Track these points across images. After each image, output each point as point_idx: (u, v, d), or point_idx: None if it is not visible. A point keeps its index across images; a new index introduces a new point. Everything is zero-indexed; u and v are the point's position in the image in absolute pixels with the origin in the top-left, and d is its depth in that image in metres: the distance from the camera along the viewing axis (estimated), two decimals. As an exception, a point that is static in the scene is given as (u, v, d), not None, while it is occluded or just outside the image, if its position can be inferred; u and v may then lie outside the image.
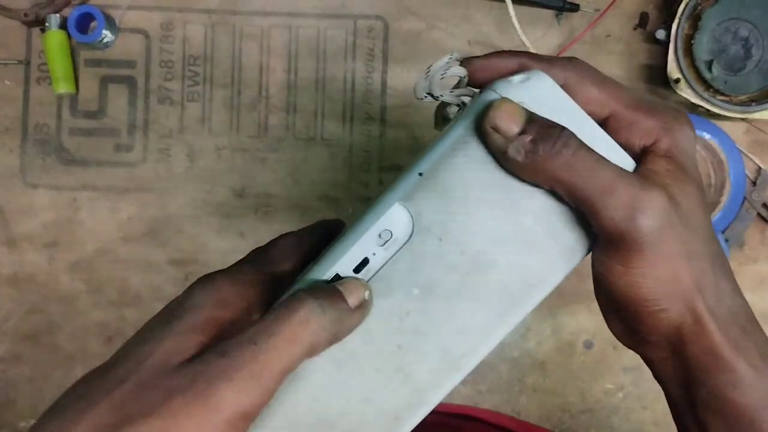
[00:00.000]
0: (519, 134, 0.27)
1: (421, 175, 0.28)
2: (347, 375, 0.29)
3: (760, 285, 0.61)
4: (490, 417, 0.58)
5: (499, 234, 0.28)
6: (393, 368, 0.29)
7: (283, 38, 0.61)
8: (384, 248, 0.28)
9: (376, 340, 0.28)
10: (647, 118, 0.29)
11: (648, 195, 0.26)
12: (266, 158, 0.61)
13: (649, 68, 0.61)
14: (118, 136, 0.61)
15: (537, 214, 0.28)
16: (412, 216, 0.28)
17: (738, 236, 0.60)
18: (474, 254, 0.28)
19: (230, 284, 0.28)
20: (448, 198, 0.28)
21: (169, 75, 0.61)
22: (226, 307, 0.27)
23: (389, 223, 0.28)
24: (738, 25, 0.57)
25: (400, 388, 0.29)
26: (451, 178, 0.28)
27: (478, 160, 0.28)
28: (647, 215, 0.26)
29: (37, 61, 0.61)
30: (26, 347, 0.61)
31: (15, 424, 0.61)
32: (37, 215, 0.61)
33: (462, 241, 0.28)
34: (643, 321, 0.28)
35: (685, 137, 0.29)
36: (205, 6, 0.61)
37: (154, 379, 0.25)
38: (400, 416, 0.29)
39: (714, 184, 0.62)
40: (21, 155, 0.61)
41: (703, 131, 0.60)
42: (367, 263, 0.28)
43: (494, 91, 0.28)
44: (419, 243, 0.28)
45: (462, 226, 0.28)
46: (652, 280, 0.27)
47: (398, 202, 0.28)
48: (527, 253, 0.28)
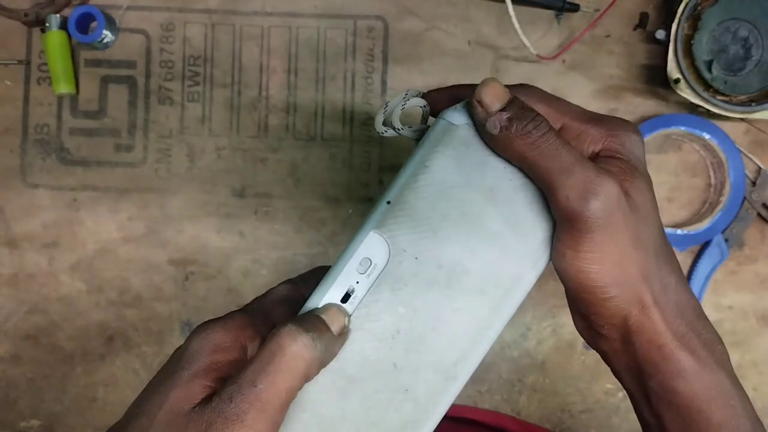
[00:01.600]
0: (499, 111, 0.29)
1: (389, 203, 0.30)
2: (351, 401, 0.30)
3: (760, 285, 0.61)
4: (490, 417, 0.58)
5: (468, 244, 0.30)
6: (393, 388, 0.30)
7: (283, 38, 0.61)
8: (366, 275, 0.30)
9: (372, 363, 0.30)
10: (594, 126, 0.31)
11: (602, 180, 0.28)
12: (266, 158, 0.61)
13: (648, 68, 0.61)
14: (119, 136, 0.61)
15: (500, 220, 0.30)
16: (387, 242, 0.30)
17: (738, 236, 0.60)
18: (449, 266, 0.30)
19: (224, 330, 0.30)
20: (416, 219, 0.30)
21: (169, 75, 0.61)
22: (223, 352, 0.29)
23: (367, 251, 0.30)
24: (738, 25, 0.57)
25: (403, 405, 0.30)
26: (415, 200, 0.30)
27: (438, 182, 0.30)
28: (599, 198, 0.28)
29: (37, 61, 0.61)
30: (26, 347, 0.61)
31: (15, 424, 0.62)
32: (37, 215, 0.61)
33: (436, 256, 0.30)
34: (594, 310, 0.30)
35: (631, 140, 0.31)
36: (205, 6, 0.61)
37: (168, 429, 0.27)
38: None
39: (714, 185, 0.62)
40: (21, 155, 0.61)
41: (702, 131, 0.60)
42: (353, 293, 0.30)
43: (444, 119, 0.31)
44: (397, 265, 0.30)
45: (433, 242, 0.30)
46: (599, 265, 0.29)
47: (372, 231, 0.30)
48: (497, 256, 0.30)
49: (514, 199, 0.30)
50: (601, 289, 0.29)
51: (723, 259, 0.60)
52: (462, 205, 0.30)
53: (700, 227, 0.60)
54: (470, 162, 0.31)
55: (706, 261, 0.60)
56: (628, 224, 0.29)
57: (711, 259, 0.60)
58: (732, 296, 0.61)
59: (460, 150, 0.31)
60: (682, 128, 0.60)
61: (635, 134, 0.32)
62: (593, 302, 0.30)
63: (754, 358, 0.61)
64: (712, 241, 0.60)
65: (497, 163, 0.31)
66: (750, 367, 0.61)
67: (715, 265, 0.60)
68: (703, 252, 0.60)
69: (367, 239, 0.30)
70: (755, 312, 0.61)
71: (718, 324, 0.61)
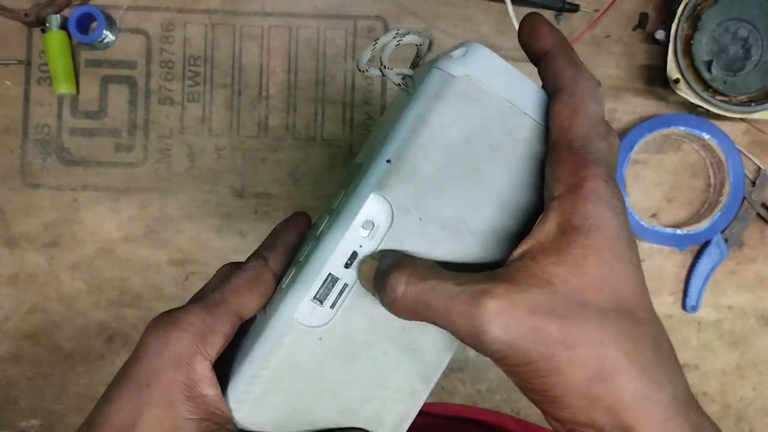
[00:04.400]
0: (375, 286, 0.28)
1: (389, 162, 0.29)
2: (360, 364, 0.30)
3: (760, 285, 0.61)
4: (490, 417, 0.58)
5: (471, 203, 0.29)
6: (400, 348, 0.30)
7: (283, 39, 0.61)
8: (369, 238, 0.29)
9: (380, 326, 0.29)
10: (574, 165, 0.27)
11: (479, 308, 0.25)
12: (266, 158, 0.61)
13: (648, 68, 0.61)
14: (119, 136, 0.61)
15: (503, 177, 0.29)
16: (390, 202, 0.29)
17: (737, 236, 0.60)
18: (453, 226, 0.29)
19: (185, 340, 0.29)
20: (418, 179, 0.29)
21: (169, 75, 0.61)
22: (184, 368, 0.28)
23: (369, 213, 0.29)
24: (737, 26, 0.57)
25: (411, 364, 0.30)
26: (416, 159, 0.29)
27: (439, 139, 0.29)
28: (486, 328, 0.25)
29: (37, 61, 0.61)
30: (26, 347, 0.61)
31: (15, 423, 0.62)
32: (37, 215, 0.61)
33: (439, 216, 0.29)
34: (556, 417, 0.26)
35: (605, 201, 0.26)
36: (206, 6, 0.61)
37: None
38: (417, 389, 0.31)
39: (713, 184, 0.62)
40: (21, 155, 0.61)
41: (702, 131, 0.60)
42: (356, 256, 0.29)
43: (441, 69, 0.29)
44: (401, 226, 0.29)
45: (436, 202, 0.29)
46: (532, 375, 0.25)
47: (374, 193, 0.29)
48: (500, 214, 0.29)
49: (516, 156, 0.29)
50: (548, 395, 0.25)
51: (722, 259, 0.60)
52: (465, 163, 0.29)
53: (700, 227, 0.60)
54: (471, 117, 0.29)
55: (706, 261, 0.60)
56: (541, 329, 0.25)
57: (710, 259, 0.60)
58: (731, 296, 0.61)
59: (460, 104, 0.29)
60: (682, 128, 0.60)
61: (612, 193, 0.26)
62: (549, 410, 0.26)
63: (754, 357, 0.61)
64: (712, 241, 0.60)
65: (498, 119, 0.29)
66: (749, 366, 0.61)
67: (714, 265, 0.60)
68: (702, 252, 0.60)
69: (369, 201, 0.29)
70: (755, 312, 0.61)
71: (718, 324, 0.61)
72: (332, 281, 0.29)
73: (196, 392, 0.28)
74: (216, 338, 0.29)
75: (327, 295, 0.29)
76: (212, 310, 0.30)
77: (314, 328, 0.29)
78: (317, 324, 0.29)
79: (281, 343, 0.29)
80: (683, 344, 0.61)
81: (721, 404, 0.61)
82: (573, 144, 0.27)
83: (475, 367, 0.62)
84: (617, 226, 0.26)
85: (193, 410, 0.28)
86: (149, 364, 0.28)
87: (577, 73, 0.29)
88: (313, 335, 0.29)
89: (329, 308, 0.29)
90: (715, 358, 0.61)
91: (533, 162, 0.29)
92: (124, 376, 0.29)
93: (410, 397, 0.31)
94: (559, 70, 0.29)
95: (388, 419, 0.31)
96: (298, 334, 0.29)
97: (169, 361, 0.28)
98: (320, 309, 0.29)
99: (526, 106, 0.29)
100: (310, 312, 0.29)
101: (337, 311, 0.29)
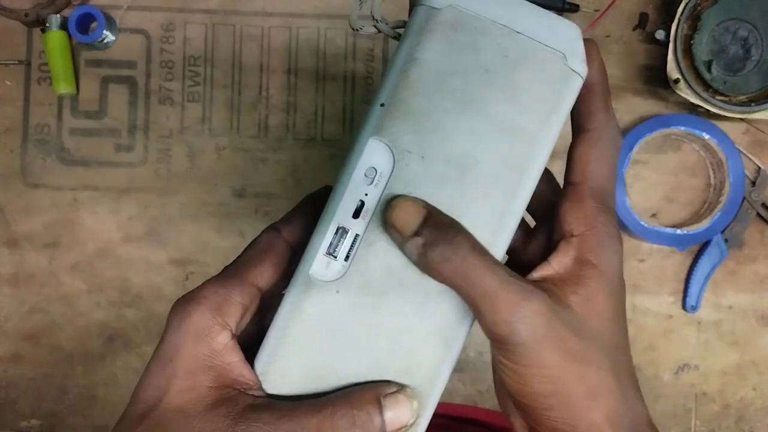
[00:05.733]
0: (414, 234, 0.27)
1: (383, 106, 0.29)
2: (382, 315, 0.29)
3: (760, 285, 0.61)
4: (490, 417, 0.58)
5: (474, 132, 0.28)
6: (422, 293, 0.29)
7: (283, 39, 0.61)
8: (374, 186, 0.29)
9: (398, 272, 0.29)
10: (596, 210, 0.29)
11: (527, 303, 0.27)
12: (266, 158, 0.61)
13: (648, 68, 0.61)
14: (119, 137, 0.61)
15: (503, 100, 0.29)
16: (389, 146, 0.29)
17: (737, 236, 0.60)
18: (458, 159, 0.28)
19: (199, 314, 0.29)
20: (415, 117, 0.28)
21: (169, 75, 0.61)
22: (204, 341, 0.29)
23: (370, 160, 0.29)
24: (737, 26, 0.57)
25: (437, 309, 0.29)
26: (410, 97, 0.28)
27: (431, 73, 0.28)
28: (524, 322, 0.27)
29: (37, 61, 0.61)
30: (27, 347, 0.61)
31: (15, 423, 0.62)
32: (37, 215, 0.61)
33: (442, 151, 0.28)
34: (535, 419, 0.28)
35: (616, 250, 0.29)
36: (206, 6, 0.61)
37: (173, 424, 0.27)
38: (447, 333, 0.29)
39: (713, 185, 0.62)
40: (22, 155, 0.61)
41: (702, 131, 0.60)
42: (363, 205, 0.29)
43: (423, 4, 0.29)
44: (404, 168, 0.28)
45: (437, 138, 0.28)
46: (538, 377, 0.27)
47: (371, 138, 0.29)
48: (505, 139, 0.29)
49: (512, 76, 0.29)
50: (543, 400, 0.28)
51: (722, 259, 0.60)
52: (460, 93, 0.28)
53: (700, 227, 0.60)
54: (460, 45, 0.29)
55: (706, 261, 0.60)
56: (565, 342, 0.27)
57: (710, 259, 0.60)
58: (731, 296, 0.61)
59: (448, 34, 0.29)
60: (682, 128, 0.60)
61: (619, 245, 0.30)
62: (536, 411, 0.28)
63: (754, 357, 0.61)
64: (712, 241, 0.60)
65: (489, 42, 0.29)
66: (749, 366, 0.61)
67: (714, 265, 0.60)
68: (702, 252, 0.60)
69: (367, 147, 0.28)
70: (755, 312, 0.61)
71: (718, 324, 0.61)
72: (342, 233, 0.29)
73: (216, 361, 0.29)
74: (232, 308, 0.29)
75: (339, 247, 0.29)
76: (225, 282, 0.30)
77: (330, 282, 0.29)
78: (333, 278, 0.29)
79: (300, 301, 0.29)
80: (683, 344, 0.61)
81: (721, 404, 0.61)
82: (595, 190, 0.30)
83: (475, 368, 0.62)
84: (620, 269, 0.30)
85: (214, 379, 0.28)
86: (171, 340, 0.29)
87: (609, 119, 0.30)
88: (330, 290, 0.29)
89: (343, 261, 0.29)
90: (715, 358, 0.61)
91: (532, 79, 0.29)
92: (152, 357, 0.30)
93: (442, 343, 0.29)
94: (593, 109, 0.30)
95: (421, 369, 0.29)
96: (316, 291, 0.29)
97: (188, 334, 0.29)
98: (335, 262, 0.29)
99: (516, 24, 0.29)
100: (324, 267, 0.29)
101: (351, 262, 0.29)
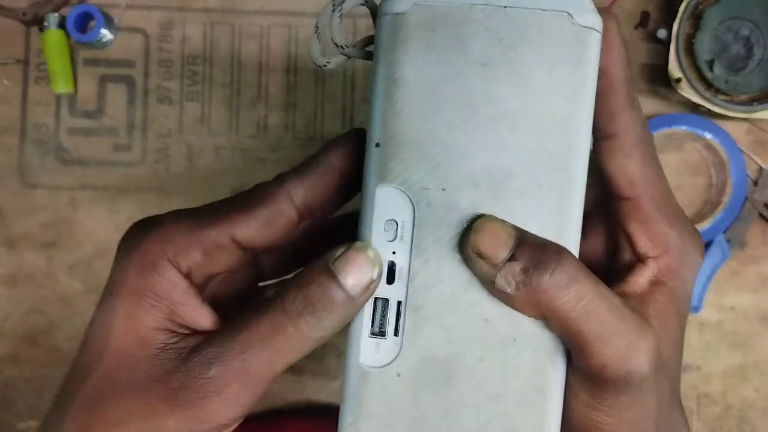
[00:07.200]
0: (508, 260, 0.23)
1: (378, 146, 0.25)
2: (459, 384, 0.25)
3: (762, 286, 0.61)
4: None
5: (494, 141, 0.24)
6: (497, 346, 0.25)
7: (282, 38, 0.61)
8: (398, 240, 0.25)
9: (460, 333, 0.25)
10: (667, 225, 0.27)
11: (643, 341, 0.24)
12: (266, 158, 0.61)
13: (650, 67, 0.61)
14: (117, 136, 0.61)
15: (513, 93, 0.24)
16: (401, 189, 0.25)
17: (739, 237, 0.60)
18: (487, 176, 0.24)
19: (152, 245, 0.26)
20: (418, 146, 0.24)
21: (168, 74, 0.61)
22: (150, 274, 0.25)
23: (385, 213, 0.25)
24: (739, 25, 0.57)
25: (522, 358, 0.25)
26: (406, 125, 0.25)
27: (420, 89, 0.24)
28: (639, 363, 0.24)
29: (35, 60, 0.61)
30: (25, 348, 0.61)
31: (14, 425, 0.61)
32: (35, 215, 0.61)
33: (465, 174, 0.24)
34: None
35: (692, 266, 0.27)
36: (205, 5, 0.61)
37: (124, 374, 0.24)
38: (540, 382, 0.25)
39: (715, 185, 0.61)
40: (19, 155, 0.61)
41: (704, 131, 0.59)
42: (395, 266, 0.25)
43: (386, 14, 0.25)
44: (427, 209, 0.24)
45: (453, 160, 0.24)
46: (615, 419, 0.25)
47: (378, 187, 0.25)
48: (535, 137, 0.24)
49: (515, 60, 0.24)
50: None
51: (724, 259, 0.60)
52: (462, 101, 0.24)
53: (702, 227, 0.60)
54: (443, 46, 0.24)
55: (708, 261, 0.60)
56: (658, 384, 0.25)
57: (712, 259, 0.60)
58: (733, 297, 0.61)
59: (425, 38, 0.24)
60: (684, 128, 0.59)
61: (699, 256, 0.27)
62: None
63: (756, 358, 0.61)
64: (714, 241, 0.60)
65: (475, 30, 0.24)
66: (752, 367, 0.61)
67: (716, 266, 0.60)
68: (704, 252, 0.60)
69: (377, 199, 0.25)
70: (757, 313, 0.61)
71: (720, 325, 0.61)
72: (383, 306, 0.25)
73: (162, 301, 0.25)
74: (191, 248, 0.26)
75: (384, 323, 0.25)
76: (194, 216, 0.27)
77: (387, 366, 0.25)
78: (388, 360, 0.25)
79: (360, 400, 0.25)
80: (685, 345, 0.60)
81: (723, 405, 0.61)
82: (657, 202, 0.27)
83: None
84: (691, 288, 0.27)
85: (160, 320, 0.25)
86: (114, 272, 0.26)
87: (637, 117, 0.26)
88: (389, 375, 0.25)
89: (393, 336, 0.25)
90: (717, 359, 0.61)
91: (540, 56, 0.24)
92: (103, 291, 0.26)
93: (538, 395, 0.25)
94: (617, 109, 0.26)
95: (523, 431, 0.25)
96: (374, 382, 0.25)
97: (132, 267, 0.25)
98: (384, 342, 0.25)
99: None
100: (374, 351, 0.25)
101: (404, 336, 0.25)
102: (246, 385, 0.24)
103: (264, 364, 0.24)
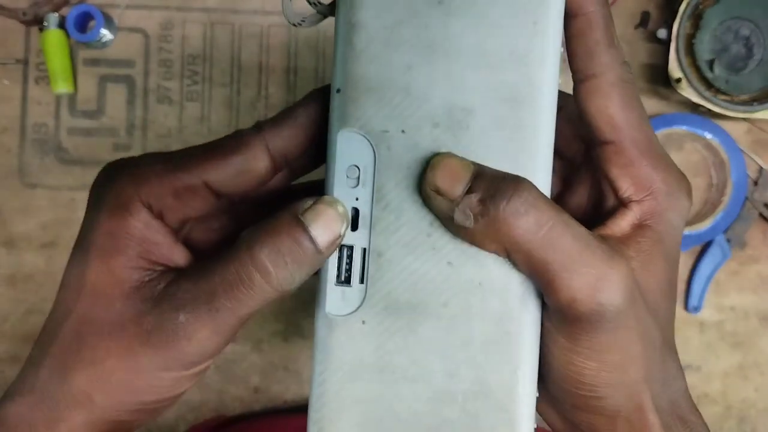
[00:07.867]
0: (465, 194, 0.23)
1: (339, 92, 0.25)
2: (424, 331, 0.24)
3: (762, 285, 0.61)
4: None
5: (453, 78, 0.24)
6: (462, 288, 0.24)
7: (282, 37, 0.61)
8: (361, 186, 0.24)
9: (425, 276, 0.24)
10: (651, 168, 0.26)
11: (613, 272, 0.23)
12: (265, 158, 0.61)
13: (650, 67, 0.60)
14: (117, 136, 0.61)
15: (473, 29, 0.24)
16: (360, 134, 0.24)
17: (739, 237, 0.60)
18: (446, 115, 0.24)
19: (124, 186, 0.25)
20: (378, 88, 0.24)
21: (168, 74, 0.61)
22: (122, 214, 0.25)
23: (347, 158, 0.24)
24: (739, 25, 0.57)
25: (488, 301, 0.24)
26: (365, 68, 0.24)
27: (377, 32, 0.24)
28: (612, 300, 0.23)
29: (35, 60, 0.61)
30: (25, 348, 0.61)
31: (13, 424, 0.61)
32: (35, 215, 0.61)
33: (424, 114, 0.24)
34: (577, 404, 0.25)
35: (679, 210, 0.26)
36: (204, 5, 0.61)
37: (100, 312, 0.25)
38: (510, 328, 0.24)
39: (715, 185, 0.61)
40: (19, 155, 0.61)
41: (704, 131, 0.59)
42: (358, 213, 0.24)
43: None
44: (387, 152, 0.24)
45: (411, 100, 0.24)
46: (596, 363, 0.24)
47: (339, 132, 0.24)
48: (495, 74, 0.24)
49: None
50: (592, 388, 0.24)
51: (725, 259, 0.60)
52: (418, 40, 0.24)
53: (702, 227, 0.60)
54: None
55: (708, 261, 0.60)
56: (639, 321, 0.24)
57: (713, 259, 0.60)
58: (734, 297, 0.61)
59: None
60: (684, 128, 0.59)
61: (687, 199, 0.26)
62: (578, 397, 0.25)
63: (756, 358, 0.61)
64: (714, 242, 0.60)
65: None
66: (752, 367, 0.61)
67: (716, 266, 0.60)
68: (704, 252, 0.60)
69: (338, 145, 0.24)
70: (757, 313, 0.61)
71: (720, 325, 0.61)
72: (348, 254, 0.25)
73: (135, 240, 0.25)
74: (163, 190, 0.25)
75: (350, 270, 0.25)
76: (168, 159, 0.26)
77: (352, 314, 0.24)
78: (353, 308, 0.24)
79: (326, 349, 0.25)
80: (685, 345, 0.61)
81: (723, 405, 0.61)
82: (639, 144, 0.26)
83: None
84: (679, 233, 0.26)
85: (133, 259, 0.25)
86: (88, 213, 0.26)
87: (617, 57, 0.26)
88: (354, 323, 0.24)
89: (359, 284, 0.25)
90: (718, 359, 0.61)
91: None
92: None
93: (508, 341, 0.24)
94: (595, 48, 0.25)
95: (496, 380, 0.24)
96: (339, 331, 0.24)
97: (105, 207, 0.25)
98: (350, 290, 0.25)
99: None
100: (340, 299, 0.25)
101: (368, 283, 0.24)
102: (214, 333, 0.24)
103: (231, 313, 0.24)
